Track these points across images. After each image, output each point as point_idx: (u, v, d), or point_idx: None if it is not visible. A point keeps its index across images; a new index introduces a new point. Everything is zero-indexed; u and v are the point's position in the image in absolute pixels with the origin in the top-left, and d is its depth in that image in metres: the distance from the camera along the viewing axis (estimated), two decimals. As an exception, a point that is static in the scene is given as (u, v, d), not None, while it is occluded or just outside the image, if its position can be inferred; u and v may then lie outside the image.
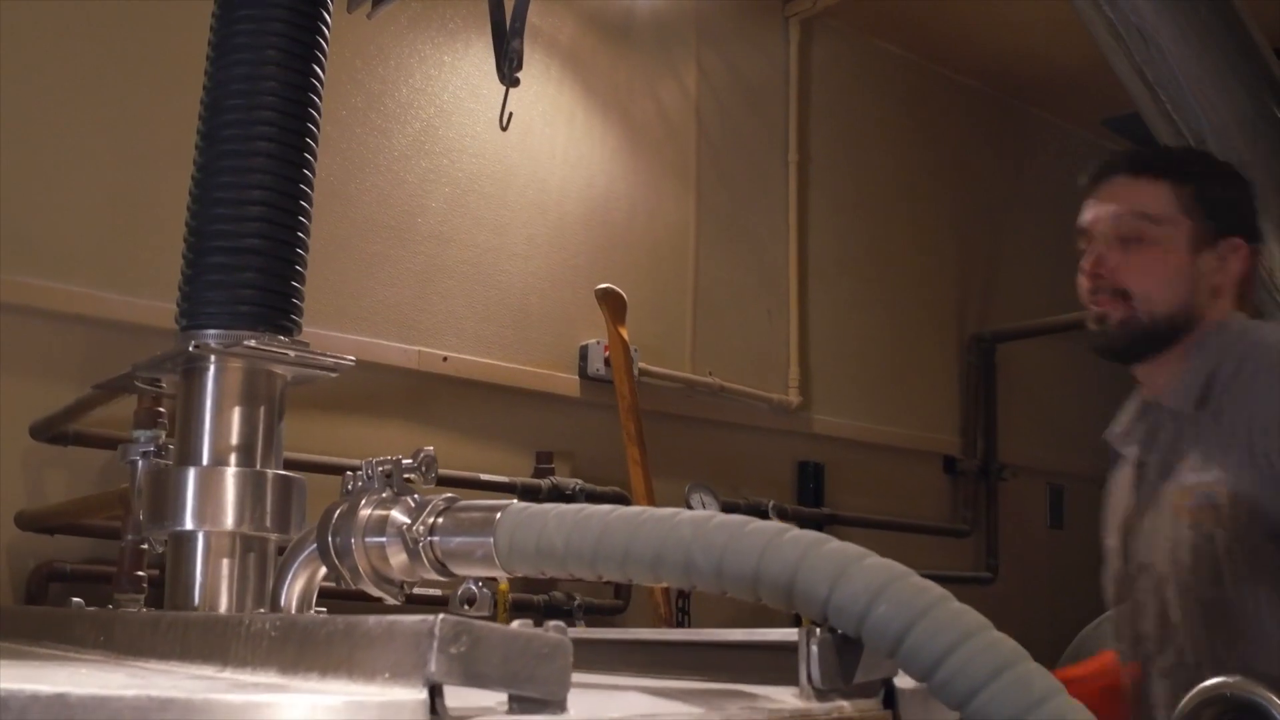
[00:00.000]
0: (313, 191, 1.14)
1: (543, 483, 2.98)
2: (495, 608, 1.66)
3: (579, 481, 3.04)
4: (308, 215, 1.13)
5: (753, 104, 3.85)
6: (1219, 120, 2.76)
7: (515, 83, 1.26)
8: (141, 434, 1.77)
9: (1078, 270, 1.69)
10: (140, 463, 1.26)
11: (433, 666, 0.53)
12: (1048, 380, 4.49)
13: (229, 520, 1.03)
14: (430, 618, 0.54)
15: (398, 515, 0.89)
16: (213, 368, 1.06)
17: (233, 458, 1.05)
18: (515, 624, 0.57)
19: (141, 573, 1.84)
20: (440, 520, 0.86)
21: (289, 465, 1.09)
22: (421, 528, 0.86)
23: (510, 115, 1.30)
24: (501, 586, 2.68)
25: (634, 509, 0.75)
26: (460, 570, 0.85)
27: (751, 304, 3.76)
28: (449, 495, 0.89)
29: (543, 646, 0.57)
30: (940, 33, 4.13)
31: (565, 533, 0.76)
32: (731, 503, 3.31)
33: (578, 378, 3.25)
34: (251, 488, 1.04)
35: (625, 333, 2.99)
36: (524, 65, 1.26)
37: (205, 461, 1.05)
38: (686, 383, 3.46)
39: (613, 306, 3.00)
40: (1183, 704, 1.23)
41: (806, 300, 3.87)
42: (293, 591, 0.99)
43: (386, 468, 0.92)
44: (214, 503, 1.03)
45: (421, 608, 0.58)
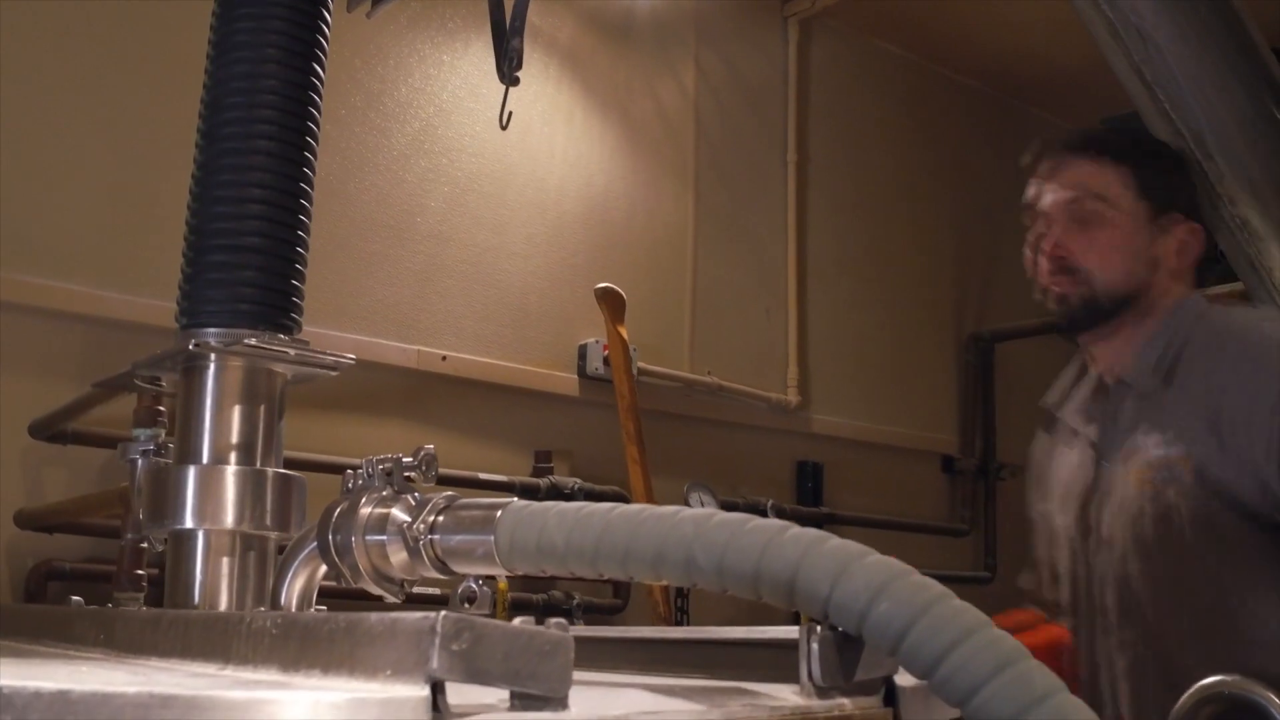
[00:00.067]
0: (313, 190, 1.14)
1: (541, 482, 2.98)
2: (495, 606, 1.66)
3: (577, 480, 3.04)
4: (308, 214, 1.13)
5: (752, 104, 3.85)
6: (1217, 119, 2.76)
7: (515, 82, 1.26)
8: (141, 432, 1.77)
9: (1028, 245, 1.77)
10: (140, 461, 1.26)
11: (435, 663, 0.53)
12: (1046, 380, 4.44)
13: (229, 519, 1.03)
14: (432, 615, 0.54)
15: (398, 513, 0.89)
16: (213, 366, 1.05)
17: (233, 456, 1.05)
18: (517, 621, 0.57)
19: (141, 571, 1.84)
20: (441, 518, 0.86)
21: (288, 464, 1.09)
22: (422, 526, 0.86)
23: (510, 114, 1.30)
24: (500, 585, 2.68)
25: (635, 507, 0.75)
26: (461, 568, 0.85)
27: (750, 303, 3.76)
28: (449, 493, 0.89)
29: (544, 644, 0.57)
30: (940, 33, 4.13)
31: (566, 531, 0.76)
32: (730, 502, 3.31)
33: (576, 377, 3.25)
34: (251, 486, 1.03)
35: (624, 332, 2.99)
36: (523, 64, 1.26)
37: (205, 460, 1.04)
38: (685, 382, 3.46)
39: (612, 305, 3.00)
40: (1181, 702, 1.23)
41: (805, 300, 3.87)
42: (293, 590, 0.99)
43: (387, 466, 0.93)
44: (214, 501, 1.03)
45: (421, 607, 0.58)
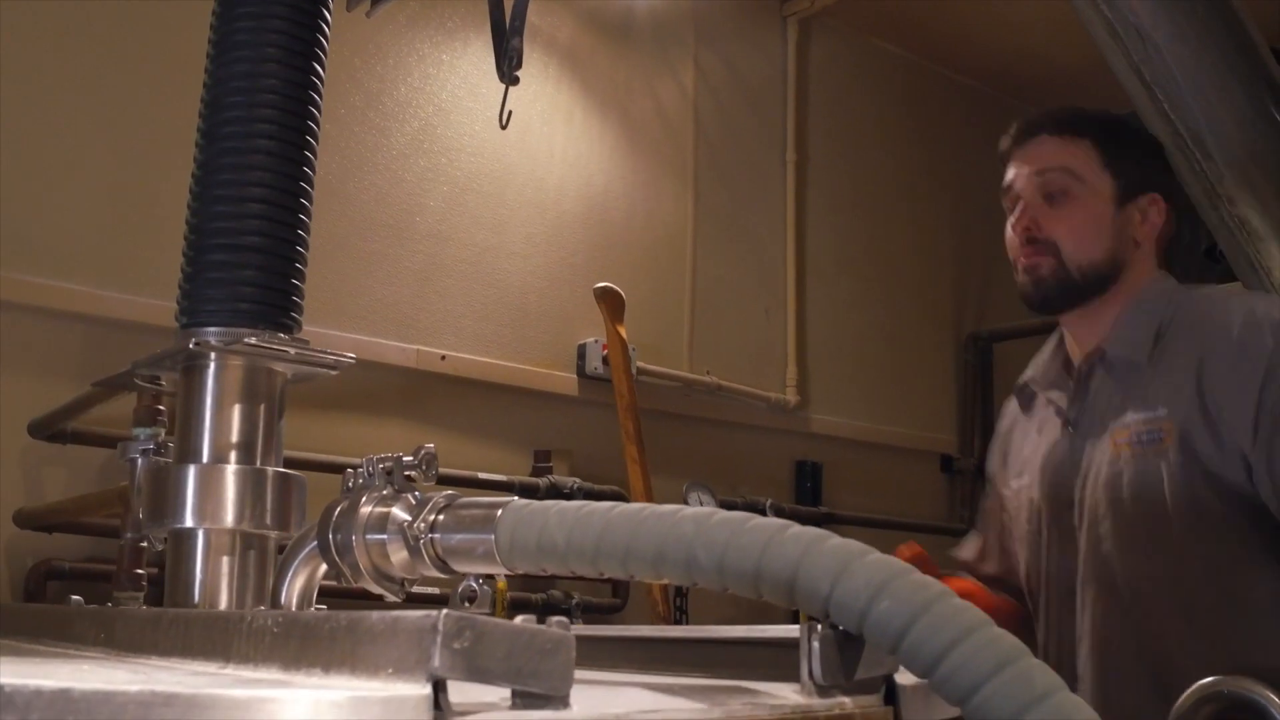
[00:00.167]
0: (313, 189, 1.14)
1: (540, 481, 2.98)
2: (494, 606, 1.66)
3: (576, 480, 3.04)
4: (308, 213, 1.13)
5: (751, 103, 3.85)
6: (1216, 119, 2.76)
7: (515, 81, 1.26)
8: (141, 431, 1.77)
9: (1008, 227, 1.78)
10: (140, 460, 1.25)
11: (436, 662, 0.53)
12: (1045, 380, 4.48)
13: (229, 518, 1.03)
14: (434, 613, 0.54)
15: (399, 512, 0.88)
16: (213, 365, 1.05)
17: (233, 455, 1.05)
18: (518, 619, 0.57)
19: (141, 570, 1.84)
20: (441, 517, 0.86)
21: (287, 464, 1.09)
22: (422, 525, 0.86)
23: (510, 113, 1.30)
24: (499, 585, 2.68)
25: (635, 506, 0.75)
26: (461, 567, 0.85)
27: (749, 303, 3.76)
28: (450, 492, 0.89)
29: (546, 642, 0.57)
30: (939, 32, 4.13)
31: (567, 529, 0.76)
32: (729, 501, 3.31)
33: (575, 376, 3.26)
34: (252, 485, 1.03)
35: (623, 331, 3.00)
36: (523, 64, 1.26)
37: (205, 459, 1.04)
38: (684, 381, 3.46)
39: (611, 305, 3.00)
40: (1180, 701, 1.23)
41: (804, 299, 3.87)
42: (293, 589, 0.99)
43: (387, 465, 0.92)
44: (214, 500, 1.03)
45: (421, 606, 0.58)
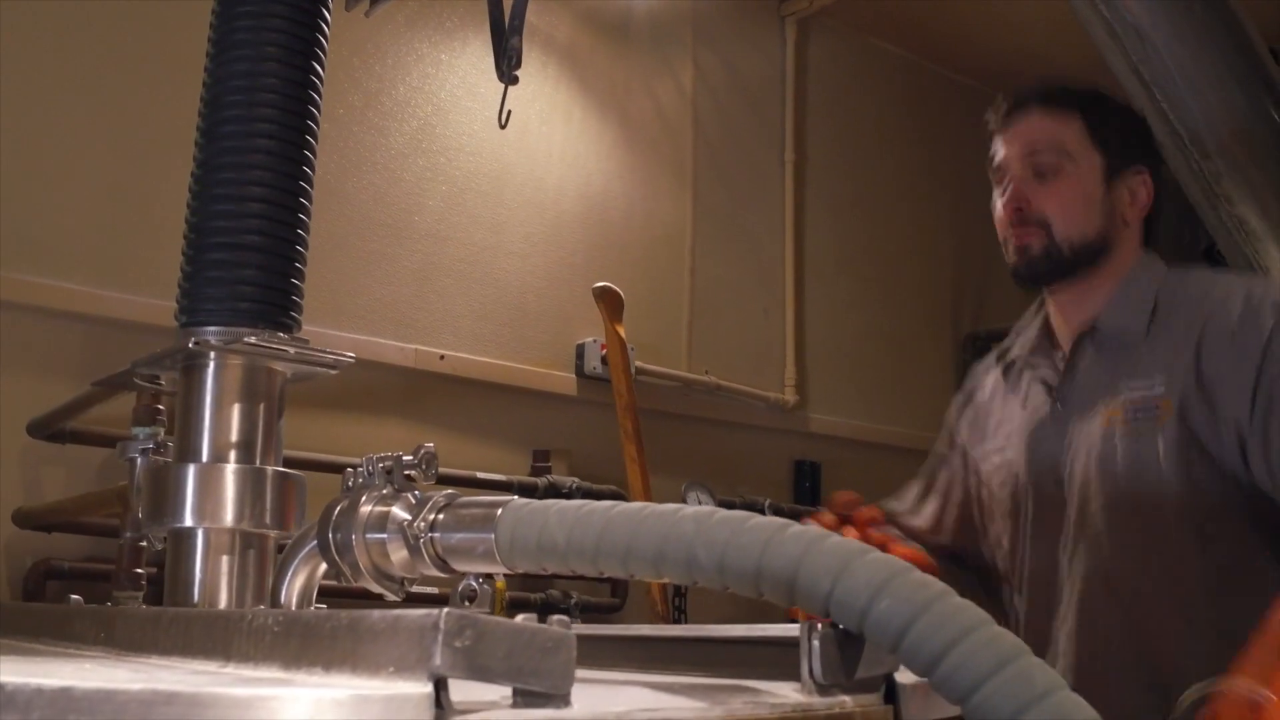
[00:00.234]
0: (313, 189, 1.14)
1: (539, 481, 2.98)
2: (493, 605, 1.66)
3: (575, 479, 3.04)
4: (308, 212, 1.12)
5: (750, 103, 3.85)
6: (1214, 118, 2.77)
7: (514, 81, 1.26)
8: (140, 431, 1.77)
9: (996, 203, 1.77)
10: (139, 460, 1.25)
11: (438, 660, 0.53)
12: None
13: (229, 517, 1.03)
14: (435, 611, 0.54)
15: (399, 512, 0.88)
16: (212, 364, 1.05)
17: (232, 454, 1.05)
18: (519, 618, 0.57)
19: (140, 570, 1.84)
20: (441, 516, 0.86)
21: (285, 463, 1.09)
22: (423, 524, 0.86)
23: (509, 113, 1.30)
24: (498, 585, 2.68)
25: (636, 505, 0.75)
26: (461, 566, 0.85)
27: (748, 303, 3.76)
28: (450, 491, 0.89)
29: (547, 641, 0.57)
30: (938, 32, 4.14)
31: (567, 528, 0.76)
32: (728, 501, 3.31)
33: (574, 376, 3.26)
34: (251, 484, 1.03)
35: (622, 331, 3.00)
36: (522, 63, 1.26)
37: (205, 458, 1.04)
38: (683, 381, 3.46)
39: (610, 304, 3.00)
40: (1180, 700, 1.23)
41: (803, 299, 3.87)
42: (293, 588, 0.99)
43: (387, 464, 0.92)
44: (214, 499, 1.03)
45: (420, 606, 0.58)
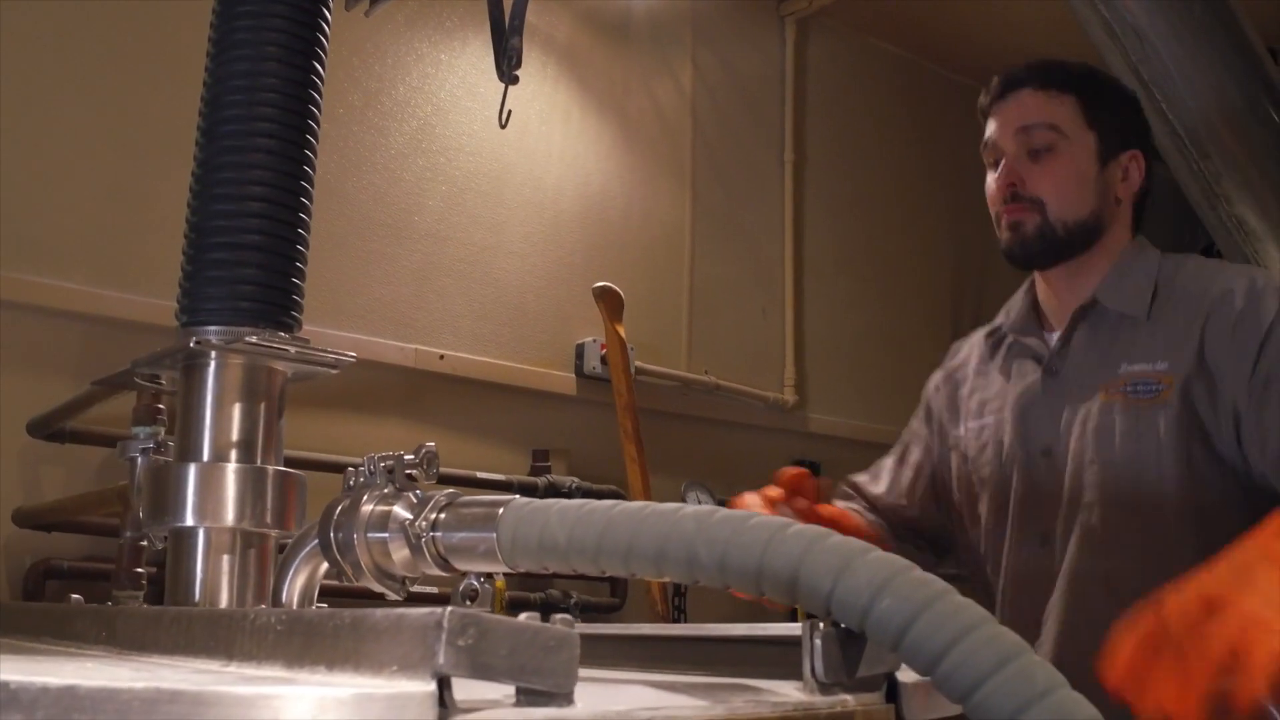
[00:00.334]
0: (313, 188, 1.14)
1: (539, 480, 2.98)
2: (494, 604, 1.65)
3: (575, 479, 3.04)
4: (308, 212, 1.13)
5: (748, 102, 3.85)
6: (1213, 118, 2.77)
7: (515, 80, 1.26)
8: (141, 430, 1.77)
9: (989, 181, 1.78)
10: (140, 459, 1.25)
11: (441, 659, 0.53)
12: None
13: (229, 516, 1.03)
14: (438, 610, 0.54)
15: (400, 511, 0.88)
16: (213, 364, 1.05)
17: (233, 454, 1.04)
18: (523, 617, 0.57)
19: (140, 569, 1.84)
20: (443, 516, 0.86)
21: (286, 463, 1.09)
22: (424, 523, 0.86)
23: (509, 113, 1.30)
24: (498, 584, 2.68)
25: (637, 504, 0.75)
26: (463, 565, 0.85)
27: (747, 302, 3.76)
28: (451, 491, 0.89)
29: (550, 639, 0.57)
30: (937, 32, 4.14)
31: (568, 527, 0.76)
32: (727, 501, 3.30)
33: (574, 376, 3.26)
34: (252, 483, 1.03)
35: (622, 330, 3.00)
36: (521, 63, 1.26)
37: (206, 457, 1.04)
38: (682, 381, 3.46)
39: (610, 304, 3.00)
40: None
41: (802, 299, 3.87)
42: (294, 587, 0.99)
43: (388, 464, 0.92)
44: (214, 498, 1.02)
45: (421, 605, 0.58)
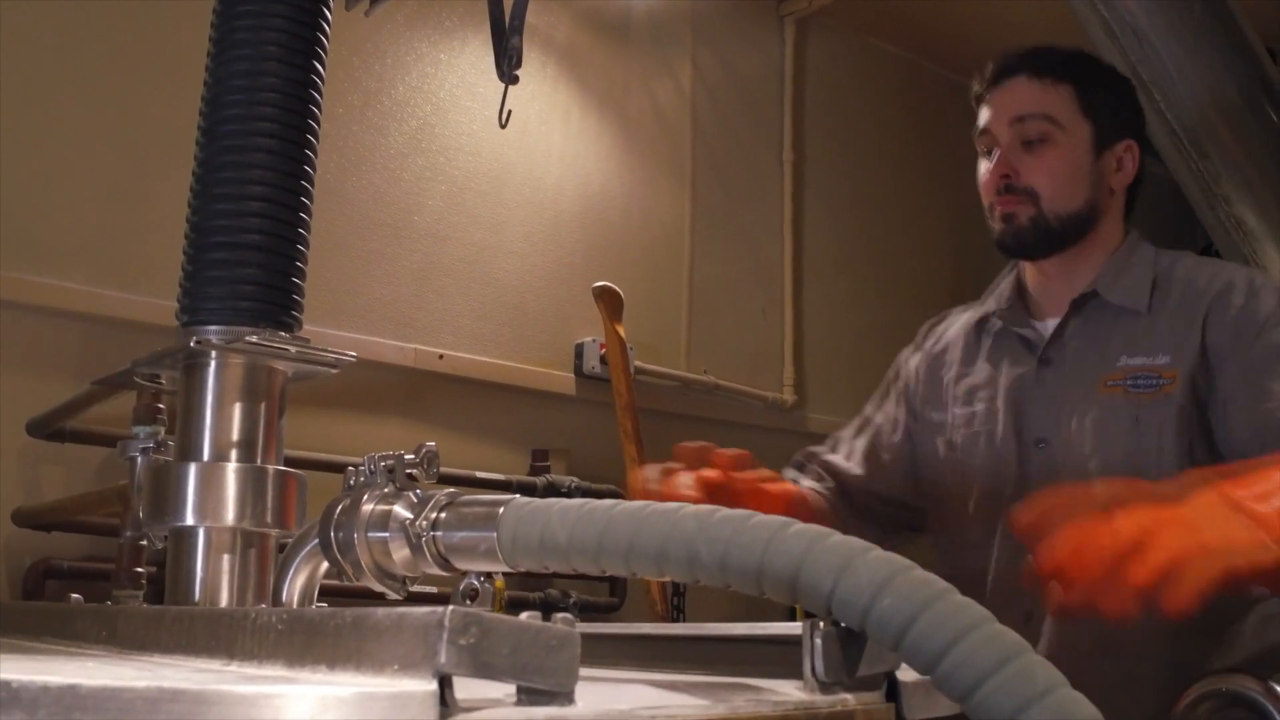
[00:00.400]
0: (313, 188, 1.14)
1: (538, 480, 2.98)
2: (494, 603, 1.66)
3: (574, 479, 3.05)
4: (309, 212, 1.13)
5: (748, 102, 3.85)
6: (1212, 117, 2.77)
7: (515, 80, 1.26)
8: (141, 430, 1.77)
9: (981, 170, 1.78)
10: (140, 458, 1.25)
11: (443, 658, 0.53)
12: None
13: (230, 516, 1.03)
14: (439, 609, 0.54)
15: (400, 510, 0.89)
16: (213, 363, 1.05)
17: (233, 453, 1.04)
18: (524, 616, 0.57)
19: (140, 569, 1.84)
20: (443, 515, 0.86)
21: (286, 463, 1.09)
22: (424, 523, 0.86)
23: (509, 112, 1.30)
24: (497, 584, 2.68)
25: (637, 503, 0.75)
26: (463, 564, 0.85)
27: (747, 302, 3.76)
28: (451, 490, 0.89)
29: (551, 638, 0.57)
30: (937, 31, 4.14)
31: (569, 527, 0.76)
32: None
33: (573, 375, 3.26)
34: (252, 483, 1.03)
35: (622, 330, 3.00)
36: (522, 63, 1.26)
37: (206, 457, 1.04)
38: (682, 381, 3.46)
39: (610, 304, 3.00)
40: (1181, 700, 1.23)
41: (801, 298, 3.87)
42: (294, 587, 0.99)
43: (389, 463, 0.92)
44: (215, 498, 1.02)
45: (421, 604, 0.58)
